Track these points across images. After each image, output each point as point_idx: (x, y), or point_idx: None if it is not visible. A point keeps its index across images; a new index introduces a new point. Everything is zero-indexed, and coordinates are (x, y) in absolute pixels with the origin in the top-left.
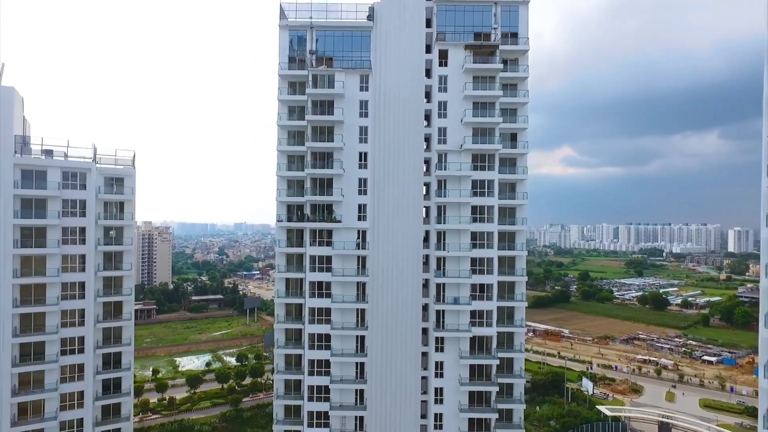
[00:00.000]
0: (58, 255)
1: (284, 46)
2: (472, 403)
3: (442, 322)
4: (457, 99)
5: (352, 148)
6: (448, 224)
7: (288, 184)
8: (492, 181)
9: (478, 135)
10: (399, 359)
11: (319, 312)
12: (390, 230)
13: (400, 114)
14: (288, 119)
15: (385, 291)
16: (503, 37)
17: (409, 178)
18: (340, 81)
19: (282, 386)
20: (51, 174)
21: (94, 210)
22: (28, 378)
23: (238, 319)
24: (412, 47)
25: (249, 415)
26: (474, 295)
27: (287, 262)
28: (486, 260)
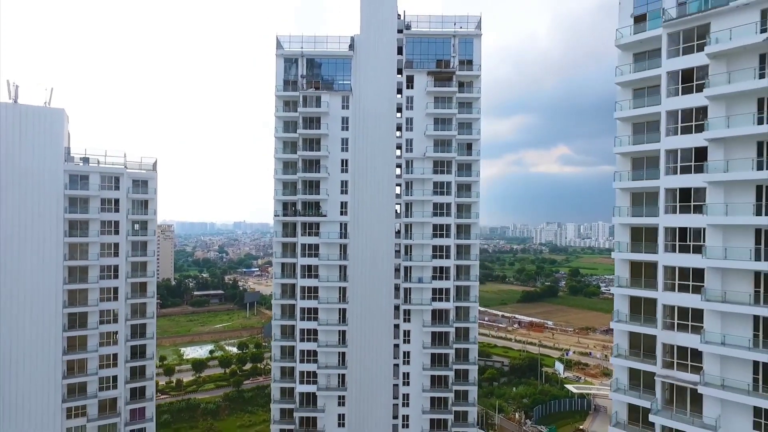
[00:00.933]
0: (98, 243)
1: (280, 72)
2: (433, 364)
3: (409, 298)
4: (421, 115)
5: (336, 156)
6: (414, 218)
7: (283, 185)
8: (450, 183)
9: (438, 145)
10: (374, 328)
11: (309, 290)
12: (367, 223)
13: (375, 128)
14: (283, 132)
15: (363, 272)
16: (460, 64)
17: (383, 180)
18: (325, 101)
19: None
20: (92, 178)
21: (125, 207)
22: (74, 342)
23: (238, 313)
24: (386, 72)
25: (250, 396)
26: (435, 276)
27: (283, 250)
28: (444, 247)
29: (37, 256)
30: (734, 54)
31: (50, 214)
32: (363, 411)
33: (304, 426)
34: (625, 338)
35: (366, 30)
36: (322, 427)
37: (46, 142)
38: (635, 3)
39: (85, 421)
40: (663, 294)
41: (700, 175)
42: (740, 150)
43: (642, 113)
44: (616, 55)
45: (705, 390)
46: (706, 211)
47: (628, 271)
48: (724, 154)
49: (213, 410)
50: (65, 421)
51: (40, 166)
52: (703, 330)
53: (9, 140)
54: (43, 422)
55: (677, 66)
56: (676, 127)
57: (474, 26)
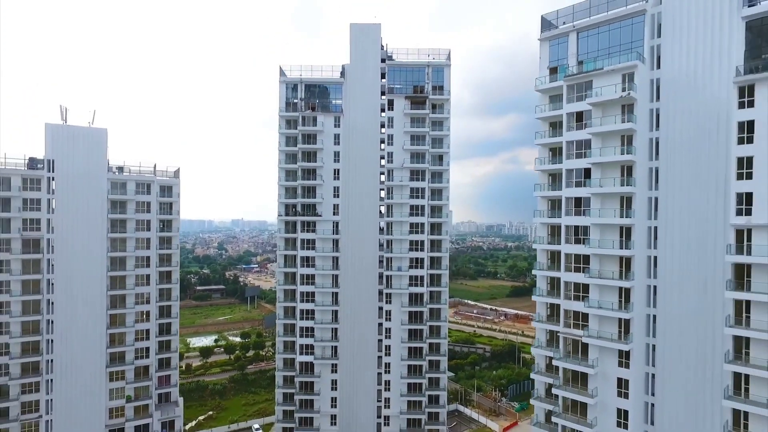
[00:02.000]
0: (134, 238)
1: (282, 95)
2: (410, 338)
3: (390, 283)
4: (400, 133)
5: (329, 166)
6: (394, 218)
7: (286, 190)
8: (424, 189)
9: (414, 157)
10: (361, 308)
11: (307, 278)
12: (355, 222)
13: (362, 143)
14: (285, 146)
15: (352, 263)
16: (433, 89)
17: (368, 186)
18: (321, 120)
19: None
20: (129, 185)
21: (155, 208)
22: (115, 319)
23: (240, 306)
24: (371, 96)
25: (253, 378)
26: (412, 266)
27: (285, 244)
28: (419, 242)
29: (87, 249)
30: (605, 104)
31: (97, 215)
32: (352, 377)
33: (303, 390)
34: (543, 308)
35: (355, 60)
36: (318, 390)
37: (92, 155)
38: (550, 58)
39: (123, 383)
40: (564, 274)
41: (586, 188)
42: (610, 171)
43: (553, 141)
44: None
45: (588, 340)
46: (589, 214)
47: (546, 258)
48: (601, 173)
49: (220, 390)
50: (108, 383)
51: (88, 175)
52: (587, 298)
53: (63, 154)
54: (91, 383)
55: (573, 109)
56: (572, 153)
57: (445, 57)
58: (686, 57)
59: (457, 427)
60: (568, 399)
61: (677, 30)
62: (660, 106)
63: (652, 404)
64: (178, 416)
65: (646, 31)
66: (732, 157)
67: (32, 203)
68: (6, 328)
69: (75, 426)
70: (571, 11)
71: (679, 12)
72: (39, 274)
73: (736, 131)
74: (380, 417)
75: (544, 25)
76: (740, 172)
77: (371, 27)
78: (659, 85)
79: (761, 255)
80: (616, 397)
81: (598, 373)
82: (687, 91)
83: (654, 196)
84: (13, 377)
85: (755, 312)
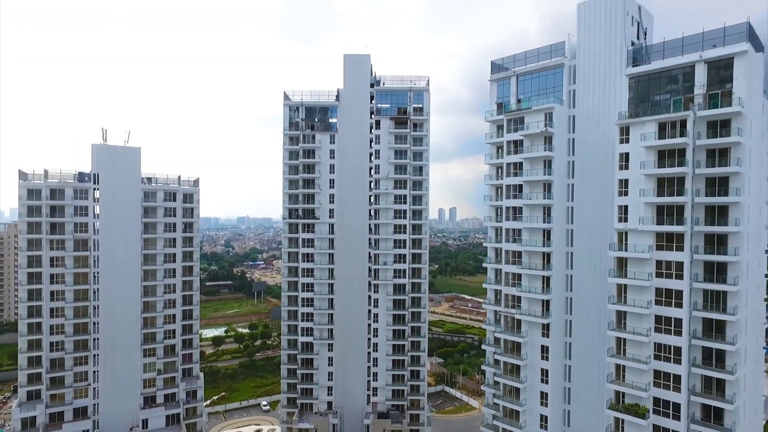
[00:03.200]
0: (163, 238)
1: (286, 116)
2: (394, 322)
3: (377, 275)
4: (386, 148)
5: (326, 176)
6: (380, 220)
7: (289, 197)
8: (406, 196)
9: (398, 169)
10: (353, 297)
11: (307, 271)
12: (348, 224)
13: (353, 157)
14: (288, 159)
15: (345, 258)
16: (414, 110)
17: (359, 194)
18: (318, 138)
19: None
20: (158, 194)
21: (179, 213)
22: (148, 305)
23: (247, 301)
24: (362, 117)
25: (260, 364)
26: (396, 261)
27: (289, 243)
28: (402, 241)
29: (125, 248)
30: (532, 135)
31: (132, 219)
32: (345, 354)
33: (304, 365)
34: (492, 293)
35: (347, 86)
36: (317, 366)
37: (129, 170)
38: (497, 96)
39: (155, 359)
40: (505, 266)
41: (519, 200)
42: (536, 187)
43: (498, 162)
44: (488, 126)
45: (520, 317)
46: (522, 220)
47: (494, 254)
48: (530, 189)
49: (231, 375)
50: (142, 358)
51: (125, 186)
52: (520, 284)
53: (106, 169)
54: (129, 358)
55: (511, 138)
56: (511, 172)
57: (424, 83)
58: (591, 100)
59: (442, 404)
60: (508, 363)
61: (585, 80)
62: (575, 136)
63: (570, 366)
64: (200, 387)
65: (565, 79)
66: (616, 179)
67: (81, 210)
68: (61, 312)
69: (117, 393)
70: (513, 60)
71: (586, 66)
72: (87, 268)
73: (618, 160)
74: (369, 389)
75: (493, 68)
76: (620, 191)
77: (362, 57)
78: (575, 121)
79: (633, 251)
80: (540, 360)
81: (528, 342)
82: (591, 126)
83: (571, 206)
84: (67, 352)
85: (630, 292)
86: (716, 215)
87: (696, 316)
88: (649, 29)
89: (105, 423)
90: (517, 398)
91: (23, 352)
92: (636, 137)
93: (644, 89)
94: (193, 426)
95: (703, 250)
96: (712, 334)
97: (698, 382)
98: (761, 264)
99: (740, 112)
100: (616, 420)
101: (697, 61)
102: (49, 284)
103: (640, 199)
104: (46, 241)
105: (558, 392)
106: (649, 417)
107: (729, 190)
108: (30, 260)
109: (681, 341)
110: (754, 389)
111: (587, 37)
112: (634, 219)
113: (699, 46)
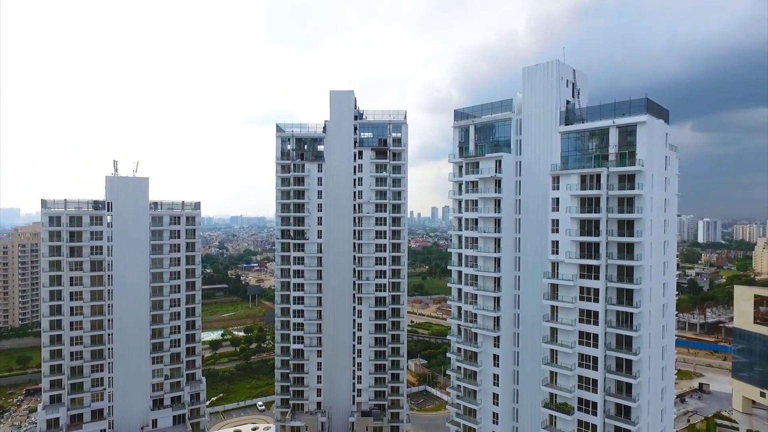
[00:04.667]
0: (168, 258)
1: (278, 147)
2: (376, 330)
3: (360, 289)
4: (368, 176)
5: (314, 201)
6: (363, 240)
7: (282, 219)
8: (386, 218)
9: (378, 194)
10: (339, 308)
11: (298, 286)
12: (333, 243)
13: (338, 183)
14: (282, 186)
15: (332, 274)
16: (393, 141)
17: (343, 217)
18: (307, 168)
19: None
20: (164, 218)
21: (183, 233)
22: (156, 317)
23: (242, 304)
24: (346, 147)
25: (256, 366)
26: (377, 276)
27: (282, 260)
28: (383, 258)
29: (136, 268)
30: (485, 179)
31: (142, 242)
32: (332, 360)
33: (296, 370)
34: (456, 310)
35: (333, 120)
36: (307, 370)
37: (138, 198)
38: (459, 140)
39: (162, 365)
40: (464, 287)
41: (475, 232)
42: (489, 222)
43: (460, 198)
44: (450, 166)
45: (476, 330)
46: (477, 248)
47: (457, 275)
48: (483, 223)
49: (228, 377)
50: (151, 365)
51: (135, 213)
52: (476, 303)
53: (118, 198)
54: (139, 365)
55: (469, 179)
56: (469, 208)
57: (402, 117)
58: (533, 150)
59: (424, 403)
60: (467, 369)
61: (528, 133)
62: (521, 179)
63: (518, 371)
64: (202, 390)
65: (513, 130)
66: (549, 219)
67: (96, 235)
68: (80, 325)
69: (129, 396)
70: (472, 110)
71: (529, 122)
72: (102, 286)
73: (551, 204)
74: (354, 390)
75: (456, 116)
76: (553, 228)
77: (347, 93)
78: (521, 166)
79: (562, 279)
80: (492, 366)
81: (482, 351)
82: (533, 172)
83: (518, 237)
84: (85, 360)
85: (560, 312)
86: (625, 251)
87: (610, 332)
88: (584, 87)
89: (119, 423)
90: (475, 398)
91: (46, 361)
92: (564, 186)
93: (572, 145)
94: (197, 425)
95: (615, 279)
96: (622, 347)
97: (612, 384)
98: (662, 290)
99: (641, 170)
100: (550, 416)
101: (611, 126)
102: (69, 301)
103: (567, 237)
104: (66, 263)
105: (507, 393)
106: (574, 413)
107: (634, 231)
108: (51, 279)
109: (598, 352)
110: (660, 391)
111: (529, 97)
112: (563, 253)
113: (612, 114)
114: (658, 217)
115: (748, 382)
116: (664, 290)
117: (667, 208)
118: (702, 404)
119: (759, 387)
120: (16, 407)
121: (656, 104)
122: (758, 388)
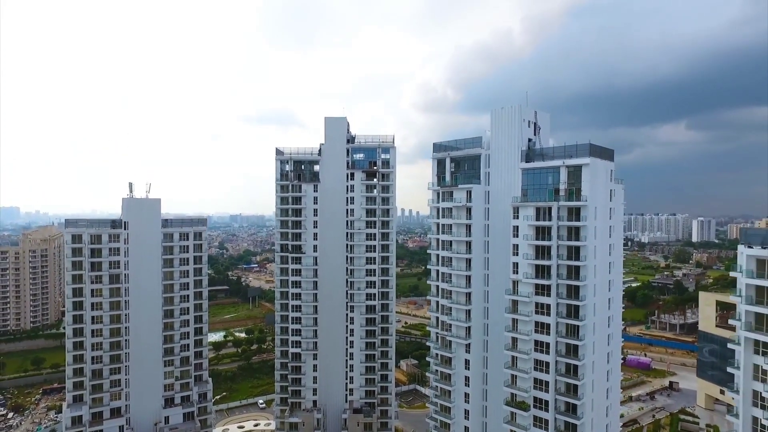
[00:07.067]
0: (179, 270)
1: (277, 169)
2: (367, 335)
3: (352, 298)
4: (359, 195)
5: (310, 218)
6: (354, 253)
7: (281, 234)
8: (375, 234)
9: (368, 212)
10: (333, 315)
11: (296, 295)
12: (328, 256)
13: (332, 202)
14: (281, 204)
15: (327, 284)
16: (382, 163)
17: (337, 232)
18: (304, 188)
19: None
20: (175, 235)
21: (191, 247)
22: (167, 325)
23: (243, 305)
24: (339, 169)
25: (257, 367)
26: (368, 286)
27: (281, 272)
28: (372, 270)
29: (150, 280)
30: (458, 207)
31: (155, 256)
32: (327, 361)
33: (294, 371)
34: (435, 319)
35: (328, 144)
36: (304, 372)
37: (151, 217)
38: (437, 171)
39: (173, 368)
40: (441, 299)
41: (449, 252)
42: (461, 245)
43: (437, 221)
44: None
45: (450, 338)
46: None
47: (436, 289)
48: (456, 245)
49: (230, 377)
50: (163, 367)
51: (149, 230)
52: (451, 314)
53: (133, 217)
54: (153, 367)
55: (445, 206)
56: (445, 231)
57: (391, 141)
58: (499, 182)
59: (413, 401)
60: (443, 372)
61: (495, 167)
62: (489, 207)
63: (487, 373)
64: (209, 389)
65: (482, 163)
66: (510, 243)
67: (114, 251)
68: (100, 332)
69: (143, 396)
70: (448, 144)
71: (496, 157)
72: (119, 297)
73: (512, 231)
74: (347, 389)
75: (435, 148)
76: (513, 252)
77: (340, 120)
78: (489, 195)
79: (520, 296)
80: (464, 369)
81: (456, 356)
82: (499, 201)
83: (487, 257)
84: (105, 364)
85: (519, 324)
86: (573, 273)
87: (560, 341)
88: (545, 126)
89: (135, 420)
90: (449, 397)
91: (70, 365)
92: (523, 216)
93: (531, 179)
94: (205, 422)
95: (565, 296)
96: (570, 354)
97: (563, 385)
98: (607, 305)
99: (585, 204)
100: (511, 413)
101: (561, 165)
102: (90, 310)
103: (524, 260)
104: (87, 276)
105: (478, 393)
106: (530, 410)
107: (580, 256)
108: (74, 291)
109: (550, 358)
110: (605, 390)
111: (496, 136)
112: (521, 273)
113: (563, 155)
114: (602, 242)
115: (711, 380)
116: (609, 304)
117: (612, 233)
118: (670, 401)
119: (719, 385)
120: (35, 405)
121: (600, 147)
122: (719, 386)
